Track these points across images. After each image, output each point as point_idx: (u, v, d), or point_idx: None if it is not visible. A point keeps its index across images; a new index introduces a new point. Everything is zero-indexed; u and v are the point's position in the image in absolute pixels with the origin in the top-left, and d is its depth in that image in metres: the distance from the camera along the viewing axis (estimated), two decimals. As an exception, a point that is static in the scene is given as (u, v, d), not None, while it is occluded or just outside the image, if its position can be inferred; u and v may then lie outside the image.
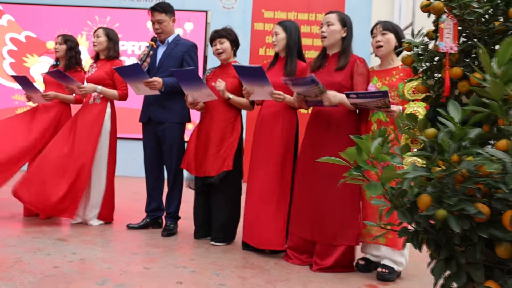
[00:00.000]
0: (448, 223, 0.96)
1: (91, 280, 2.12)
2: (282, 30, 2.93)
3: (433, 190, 1.00)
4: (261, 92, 2.76)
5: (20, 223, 3.47)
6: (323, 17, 2.68)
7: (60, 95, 3.74)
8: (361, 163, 0.99)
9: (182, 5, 9.25)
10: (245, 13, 9.02)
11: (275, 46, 2.96)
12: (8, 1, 9.39)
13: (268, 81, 2.66)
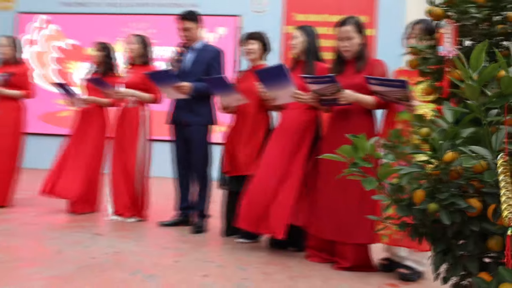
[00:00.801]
0: (440, 217, 1.04)
1: (124, 270, 2.29)
2: (301, 33, 3.01)
3: (427, 185, 1.09)
4: (284, 94, 2.82)
5: (63, 218, 3.72)
6: (340, 28, 2.68)
7: (97, 100, 3.98)
8: (357, 160, 1.09)
9: (215, 10, 9.46)
10: (276, 17, 9.14)
11: (294, 49, 3.03)
12: (53, 12, 9.87)
13: (291, 80, 2.73)
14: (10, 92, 4.05)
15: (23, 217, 3.65)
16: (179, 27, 3.63)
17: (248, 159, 3.15)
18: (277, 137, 2.98)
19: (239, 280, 2.25)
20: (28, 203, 4.27)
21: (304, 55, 3.02)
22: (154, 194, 3.96)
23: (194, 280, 2.21)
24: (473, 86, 0.94)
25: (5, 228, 3.21)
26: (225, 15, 9.44)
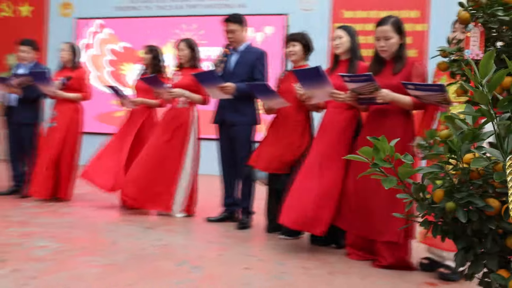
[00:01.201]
0: (457, 215, 1.11)
1: (171, 261, 2.47)
2: (345, 33, 3.05)
3: (446, 185, 1.16)
4: (321, 93, 2.89)
5: (118, 213, 3.99)
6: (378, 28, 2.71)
7: (146, 101, 4.22)
8: (377, 161, 1.17)
9: (262, 9, 9.58)
10: (324, 14, 9.14)
11: (337, 49, 3.06)
12: (108, 16, 10.36)
13: (328, 80, 2.79)
14: (68, 95, 4.36)
15: (83, 211, 3.95)
16: (224, 29, 3.77)
17: (276, 157, 3.24)
18: (319, 137, 3.06)
19: (278, 273, 2.37)
20: (87, 198, 4.59)
21: (347, 54, 3.07)
22: (202, 191, 4.14)
23: (235, 272, 2.35)
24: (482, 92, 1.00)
25: (67, 220, 3.49)
26: (272, 14, 9.53)
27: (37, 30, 10.45)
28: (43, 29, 10.56)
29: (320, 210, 2.80)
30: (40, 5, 10.81)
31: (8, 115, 4.62)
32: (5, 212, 3.66)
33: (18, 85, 4.37)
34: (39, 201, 4.22)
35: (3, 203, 4.11)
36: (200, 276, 2.23)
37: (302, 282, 2.24)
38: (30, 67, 4.57)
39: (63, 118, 4.33)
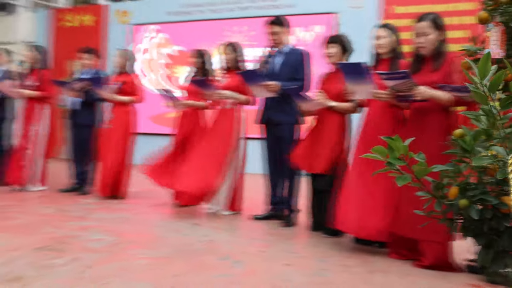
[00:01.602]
0: (469, 212, 1.13)
1: (215, 256, 2.59)
2: (388, 32, 3.03)
3: (461, 183, 1.18)
4: (362, 91, 2.91)
5: (168, 210, 4.18)
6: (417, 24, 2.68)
7: (195, 103, 4.38)
8: (392, 159, 1.21)
9: (311, 9, 9.57)
10: (374, 11, 9.00)
11: (380, 49, 3.05)
12: (162, 21, 10.75)
13: (371, 77, 2.80)
14: (122, 98, 4.61)
15: (136, 208, 4.17)
16: (268, 32, 3.86)
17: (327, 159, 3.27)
18: (364, 137, 3.06)
19: (319, 270, 2.42)
20: (140, 196, 4.84)
21: (389, 53, 3.06)
22: (248, 190, 4.25)
23: (276, 268, 2.42)
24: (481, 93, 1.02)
25: (121, 216, 3.71)
26: (321, 13, 9.52)
27: (98, 37, 11.04)
28: (104, 37, 11.12)
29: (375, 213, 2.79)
30: (101, 14, 11.40)
31: (71, 118, 4.96)
32: (66, 208, 3.94)
33: (79, 90, 4.68)
34: (96, 198, 4.50)
35: (65, 199, 4.42)
36: (241, 270, 2.33)
37: (341, 279, 2.27)
38: (91, 73, 4.89)
39: (117, 120, 4.59)
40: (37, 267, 2.17)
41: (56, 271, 2.11)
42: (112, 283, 1.98)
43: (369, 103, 3.11)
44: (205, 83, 4.10)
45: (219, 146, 4.05)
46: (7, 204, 3.98)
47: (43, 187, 4.96)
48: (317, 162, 3.34)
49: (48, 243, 2.65)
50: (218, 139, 4.08)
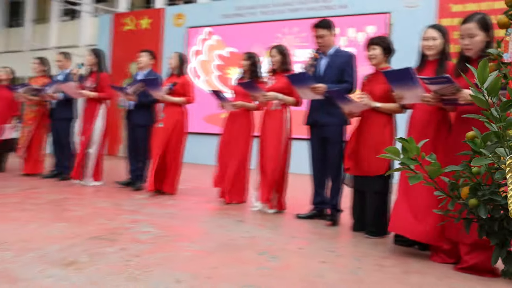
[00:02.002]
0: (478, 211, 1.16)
1: (254, 251, 2.69)
2: (439, 34, 2.98)
3: (472, 183, 1.21)
4: (411, 95, 2.89)
5: (215, 207, 4.34)
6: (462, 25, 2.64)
7: (245, 104, 4.51)
8: (405, 160, 1.26)
9: (364, 9, 9.49)
10: (430, 10, 8.78)
11: (430, 50, 2.99)
12: (216, 24, 11.02)
13: (418, 83, 2.77)
14: (174, 99, 4.82)
15: (185, 204, 4.36)
16: (313, 35, 3.92)
17: (373, 162, 3.27)
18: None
19: (353, 268, 2.46)
20: (191, 193, 5.06)
21: (437, 55, 3.00)
22: (294, 189, 4.33)
23: (311, 264, 2.49)
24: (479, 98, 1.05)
25: (170, 211, 3.90)
26: (375, 13, 9.40)
27: (155, 40, 11.48)
28: (159, 39, 11.55)
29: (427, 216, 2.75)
30: (157, 17, 11.85)
31: (127, 118, 5.25)
32: (120, 202, 4.20)
33: (133, 93, 4.96)
34: (148, 194, 4.75)
35: (119, 194, 4.71)
36: (276, 265, 2.42)
37: (374, 278, 2.31)
38: (145, 74, 5.16)
39: (169, 120, 4.80)
40: (90, 254, 2.37)
41: (106, 258, 2.30)
42: (154, 271, 2.13)
43: (415, 104, 3.06)
44: (251, 85, 4.23)
45: (267, 147, 4.15)
46: (67, 197, 4.29)
47: (100, 182, 5.29)
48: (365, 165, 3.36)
49: (101, 233, 2.86)
50: (266, 140, 4.19)
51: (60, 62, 5.80)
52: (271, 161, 4.12)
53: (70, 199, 4.24)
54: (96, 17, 13.84)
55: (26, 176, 5.77)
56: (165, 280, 2.00)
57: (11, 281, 1.88)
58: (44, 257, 2.26)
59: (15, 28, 16.85)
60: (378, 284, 2.20)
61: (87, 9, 14.32)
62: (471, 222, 1.29)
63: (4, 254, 2.26)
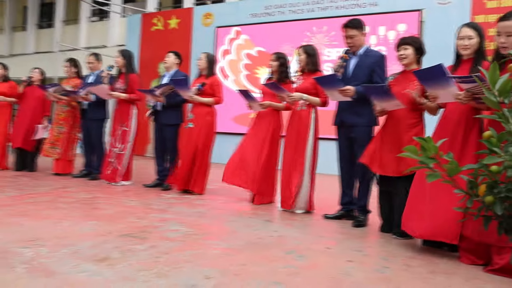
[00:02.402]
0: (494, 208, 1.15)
1: (281, 249, 2.71)
2: (476, 33, 2.91)
3: (491, 181, 1.19)
4: (445, 94, 2.82)
5: (243, 206, 4.39)
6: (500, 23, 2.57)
7: (273, 104, 4.53)
8: (424, 159, 1.25)
9: (394, 6, 9.35)
10: (464, 7, 8.59)
11: (465, 50, 2.93)
12: (244, 23, 11.07)
13: (451, 80, 2.71)
14: (203, 99, 4.88)
15: (213, 203, 4.42)
16: (343, 35, 3.89)
17: (401, 163, 3.22)
18: (439, 138, 2.99)
19: (379, 267, 2.45)
20: (219, 193, 5.12)
21: (473, 54, 2.93)
22: (323, 190, 4.32)
23: (338, 263, 2.49)
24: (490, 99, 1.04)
25: (199, 211, 3.96)
26: (406, 10, 9.27)
27: (183, 40, 11.60)
28: (188, 39, 11.67)
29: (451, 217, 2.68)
30: (186, 17, 11.98)
31: (155, 118, 5.34)
32: (149, 201, 4.28)
33: (161, 94, 5.04)
34: (176, 193, 4.83)
35: (148, 193, 4.80)
36: (303, 264, 2.43)
37: (400, 277, 2.29)
38: (171, 74, 5.24)
39: (198, 120, 4.86)
40: (122, 250, 2.43)
41: (137, 255, 2.36)
42: (183, 268, 2.17)
43: (447, 104, 3.01)
44: (275, 85, 4.24)
45: (295, 147, 4.16)
46: (97, 196, 4.41)
47: (129, 182, 5.41)
48: (393, 165, 3.30)
49: (131, 231, 2.93)
50: (292, 140, 4.20)
51: (91, 63, 5.94)
52: (297, 162, 4.12)
53: (100, 198, 4.35)
54: (124, 18, 14.11)
55: (57, 176, 5.96)
56: (195, 277, 2.04)
57: (48, 275, 1.95)
58: (77, 253, 2.33)
59: (46, 29, 17.36)
60: (404, 283, 2.18)
61: (116, 10, 14.61)
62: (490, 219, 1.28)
63: (40, 250, 2.34)
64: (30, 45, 17.11)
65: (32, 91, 6.39)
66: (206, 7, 12.17)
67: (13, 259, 2.15)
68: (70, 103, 5.99)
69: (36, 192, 4.50)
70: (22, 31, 17.96)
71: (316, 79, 3.87)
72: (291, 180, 4.15)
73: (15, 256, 2.20)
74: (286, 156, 4.26)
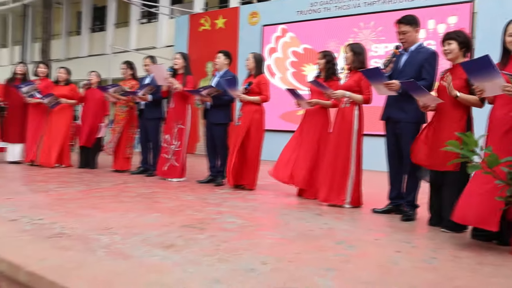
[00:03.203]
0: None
1: (332, 240, 2.86)
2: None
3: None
4: (492, 87, 2.82)
5: (294, 201, 4.59)
6: None
7: (320, 101, 4.66)
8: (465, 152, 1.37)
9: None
10: (519, -3, 8.33)
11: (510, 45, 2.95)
12: (290, 21, 11.18)
13: (498, 71, 2.72)
14: (250, 98, 5.09)
15: (265, 198, 4.62)
16: (396, 31, 3.94)
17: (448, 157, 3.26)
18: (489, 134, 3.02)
19: (427, 258, 2.54)
20: (269, 188, 5.33)
21: None
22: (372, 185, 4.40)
23: (386, 253, 2.62)
24: None
25: (251, 204, 4.16)
26: (457, 2, 9.08)
27: (230, 39, 11.85)
28: (235, 38, 11.91)
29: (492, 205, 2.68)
30: (232, 16, 12.23)
31: (205, 117, 5.60)
32: (205, 196, 4.54)
33: (207, 95, 5.29)
34: (229, 189, 5.07)
35: (202, 189, 5.07)
36: (353, 253, 2.57)
37: (447, 267, 2.38)
38: (221, 75, 5.48)
39: (246, 118, 5.07)
40: (185, 239, 2.66)
41: (199, 243, 2.58)
42: (242, 254, 2.37)
43: (495, 98, 3.02)
44: (318, 83, 4.36)
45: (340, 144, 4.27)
46: (156, 191, 4.72)
47: (183, 178, 5.70)
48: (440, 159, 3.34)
49: (191, 222, 3.18)
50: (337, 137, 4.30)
51: (147, 65, 6.28)
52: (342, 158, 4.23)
53: (159, 193, 4.65)
54: (172, 19, 14.56)
55: (116, 172, 6.38)
56: (253, 262, 2.24)
57: (125, 258, 2.21)
58: (146, 240, 2.59)
59: (98, 32, 18.20)
60: (451, 272, 2.28)
61: (164, 11, 15.10)
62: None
63: (114, 237, 2.62)
64: (84, 48, 17.99)
65: (92, 93, 6.84)
66: (252, 6, 12.37)
67: (93, 244, 2.44)
68: (128, 103, 6.36)
69: (101, 187, 4.87)
70: (77, 35, 18.90)
71: (362, 71, 3.97)
72: (337, 176, 4.26)
73: (94, 242, 2.48)
74: (331, 153, 4.35)
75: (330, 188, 4.30)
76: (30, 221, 2.95)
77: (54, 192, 4.36)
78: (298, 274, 2.10)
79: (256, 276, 2.03)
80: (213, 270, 2.08)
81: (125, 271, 2.00)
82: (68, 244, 2.41)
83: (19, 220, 2.99)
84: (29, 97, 6.67)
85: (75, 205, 3.66)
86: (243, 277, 2.00)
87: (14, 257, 2.13)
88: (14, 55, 20.69)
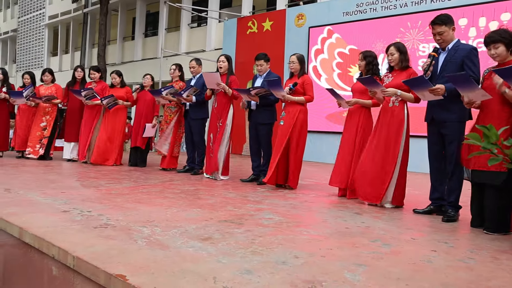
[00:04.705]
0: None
1: (367, 238, 2.87)
2: None
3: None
4: None
5: (333, 200, 4.60)
6: None
7: (360, 101, 4.66)
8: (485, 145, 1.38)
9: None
10: None
11: None
12: (336, 22, 11.13)
13: None
14: (295, 98, 5.14)
15: (305, 197, 4.67)
16: (432, 32, 3.90)
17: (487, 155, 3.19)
18: None
19: (464, 258, 2.51)
20: (311, 188, 5.38)
21: None
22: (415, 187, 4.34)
23: (421, 251, 2.60)
24: None
25: (291, 203, 4.23)
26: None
27: (277, 41, 11.95)
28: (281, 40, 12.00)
29: None
30: (279, 19, 12.33)
31: (250, 117, 5.72)
32: (246, 194, 4.65)
33: (255, 95, 5.41)
34: (270, 187, 5.15)
35: (245, 187, 5.19)
36: (387, 250, 2.58)
37: (484, 268, 2.34)
38: (264, 76, 5.59)
39: (290, 118, 5.14)
40: (222, 233, 2.77)
41: (235, 237, 2.68)
42: (276, 249, 2.45)
43: None
44: (372, 79, 4.28)
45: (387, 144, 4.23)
46: (199, 189, 4.88)
47: (227, 177, 5.84)
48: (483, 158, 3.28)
49: (230, 218, 3.28)
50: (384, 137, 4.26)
51: (193, 68, 6.50)
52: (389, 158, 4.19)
53: (202, 190, 4.80)
54: (221, 23, 14.86)
55: (163, 170, 6.65)
56: (285, 256, 2.30)
57: (164, 248, 2.34)
58: (185, 233, 2.71)
59: (151, 37, 18.85)
60: (487, 273, 2.24)
61: (213, 16, 15.43)
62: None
63: (155, 229, 2.76)
64: (138, 52, 18.69)
65: (144, 96, 7.16)
66: (298, 8, 12.41)
67: (135, 234, 2.59)
68: (177, 104, 6.60)
69: (148, 184, 5.09)
70: (131, 40, 19.66)
71: (404, 82, 3.90)
72: (381, 175, 4.23)
73: (136, 233, 2.63)
74: (377, 152, 4.28)
75: (372, 187, 4.27)
76: (80, 213, 3.17)
77: (103, 187, 4.61)
78: (328, 268, 2.14)
79: (287, 268, 2.10)
80: (245, 261, 2.17)
81: (162, 259, 2.12)
82: (112, 234, 2.58)
83: (70, 211, 3.22)
84: (87, 99, 7.05)
85: (122, 199, 3.87)
86: (274, 269, 2.07)
87: (64, 244, 2.32)
88: (75, 60, 21.83)
